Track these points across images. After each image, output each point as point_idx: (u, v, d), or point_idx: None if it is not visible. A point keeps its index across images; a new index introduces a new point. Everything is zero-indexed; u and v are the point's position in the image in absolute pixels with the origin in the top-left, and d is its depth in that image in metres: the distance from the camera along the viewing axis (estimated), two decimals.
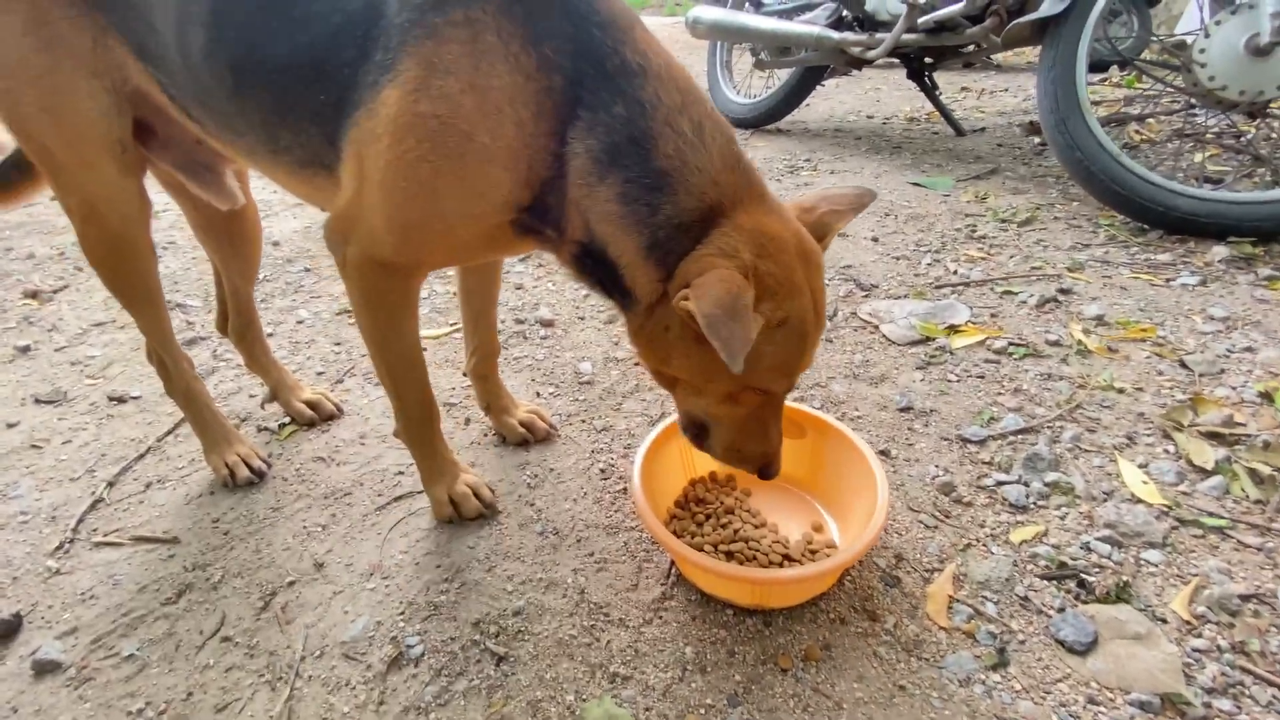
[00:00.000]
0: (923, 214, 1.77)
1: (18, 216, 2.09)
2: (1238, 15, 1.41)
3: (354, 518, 0.87)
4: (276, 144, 0.68)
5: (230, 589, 0.77)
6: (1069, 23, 1.62)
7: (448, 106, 0.56)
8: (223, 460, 0.93)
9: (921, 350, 1.16)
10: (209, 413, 0.94)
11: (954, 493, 0.86)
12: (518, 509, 0.87)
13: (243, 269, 1.01)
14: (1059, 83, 1.63)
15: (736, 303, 0.52)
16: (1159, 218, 1.52)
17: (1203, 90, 1.52)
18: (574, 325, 1.34)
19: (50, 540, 0.85)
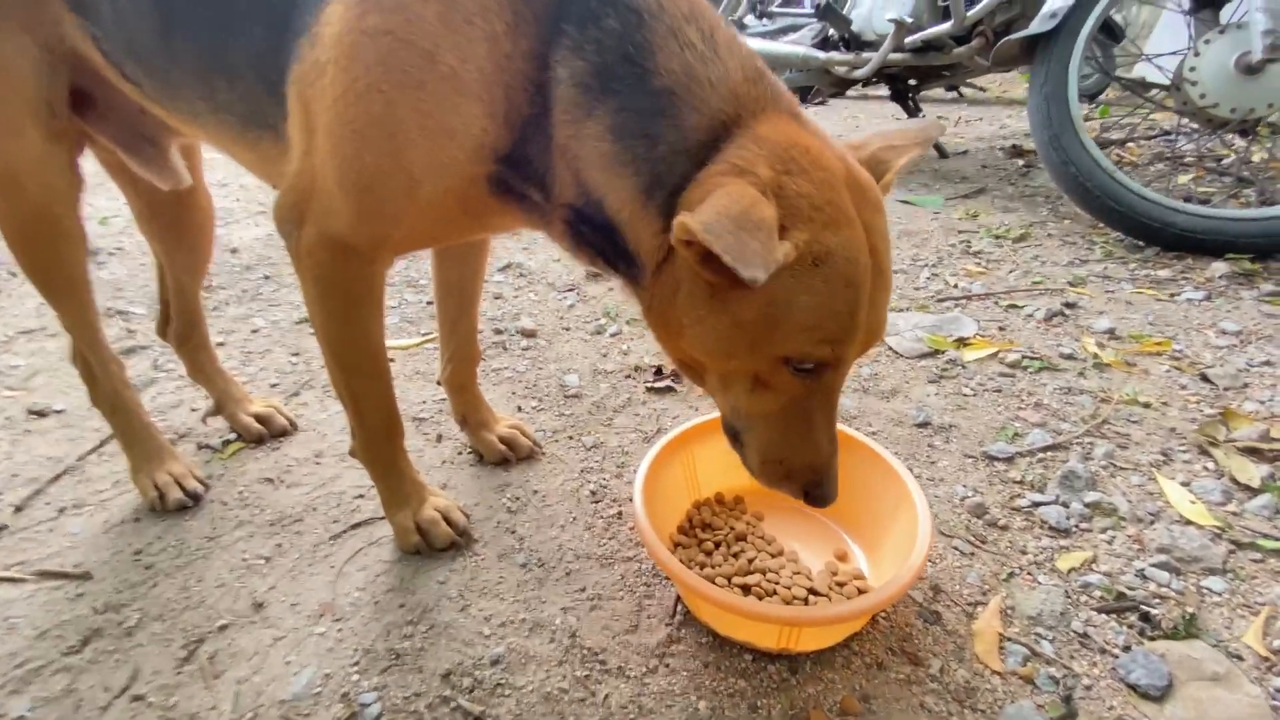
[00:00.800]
0: (915, 230, 1.72)
1: None
2: (1227, 35, 1.42)
3: (303, 548, 0.74)
4: (214, 98, 0.58)
5: (148, 635, 0.64)
6: (1059, 41, 1.62)
7: (403, 19, 0.45)
8: (152, 480, 0.80)
9: (932, 363, 1.09)
10: (139, 424, 0.82)
11: (987, 515, 0.77)
12: (497, 537, 0.76)
13: (190, 264, 0.90)
14: (1051, 99, 1.62)
15: (748, 213, 0.40)
16: (1156, 234, 1.50)
17: (1194, 108, 1.51)
18: (558, 336, 1.25)
19: None
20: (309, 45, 0.48)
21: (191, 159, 0.84)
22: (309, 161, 0.52)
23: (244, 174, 2.54)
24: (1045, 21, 1.62)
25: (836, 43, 2.26)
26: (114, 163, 0.80)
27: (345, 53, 0.46)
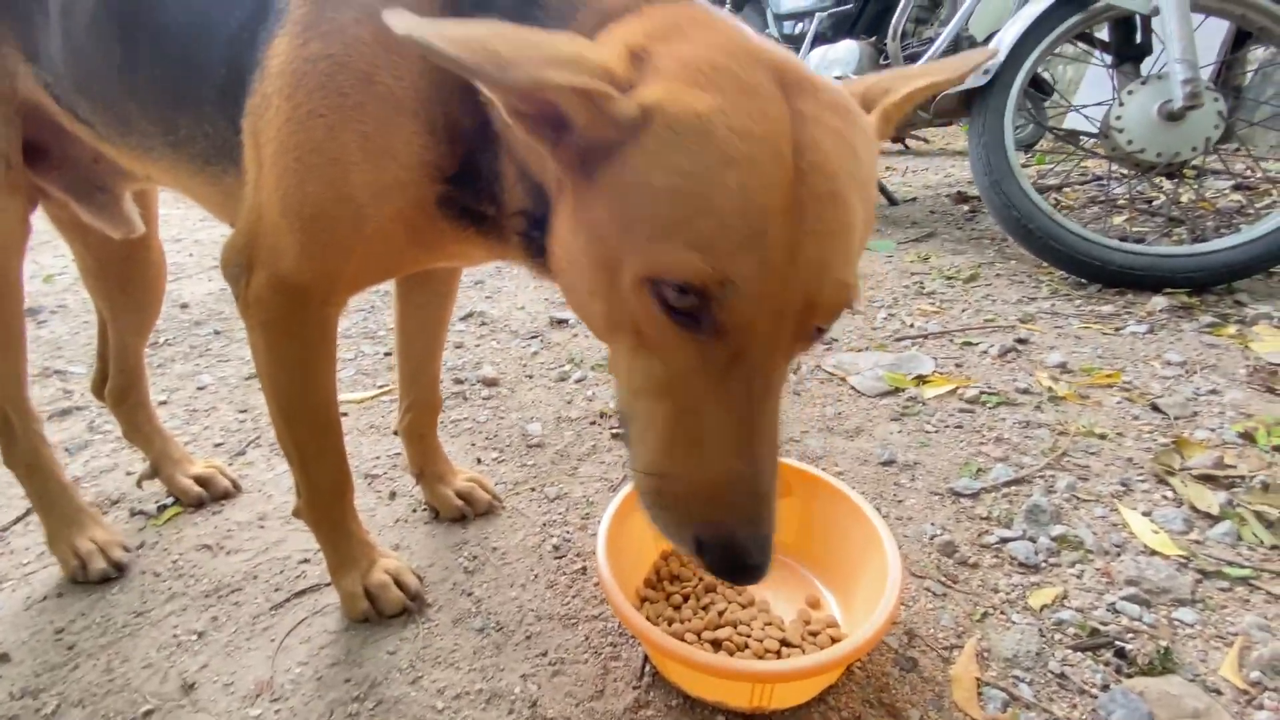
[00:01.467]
0: (870, 273, 1.77)
1: None
2: (1148, 85, 1.52)
3: (241, 621, 0.69)
4: (176, 133, 0.57)
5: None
6: (994, 93, 1.72)
7: (341, 42, 0.44)
8: (71, 548, 0.74)
9: (893, 401, 1.10)
10: (57, 487, 0.76)
11: (957, 553, 0.76)
12: (451, 600, 0.72)
13: (136, 321, 0.87)
14: (990, 149, 1.70)
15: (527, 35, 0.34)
16: (1096, 271, 1.56)
17: (1122, 154, 1.61)
18: (520, 384, 1.22)
19: None
20: (259, 78, 0.48)
21: (147, 210, 0.81)
22: (256, 196, 0.51)
23: (198, 229, 2.50)
24: (979, 77, 1.71)
25: None
26: (63, 218, 0.78)
27: (288, 81, 0.45)
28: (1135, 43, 1.67)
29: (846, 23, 2.23)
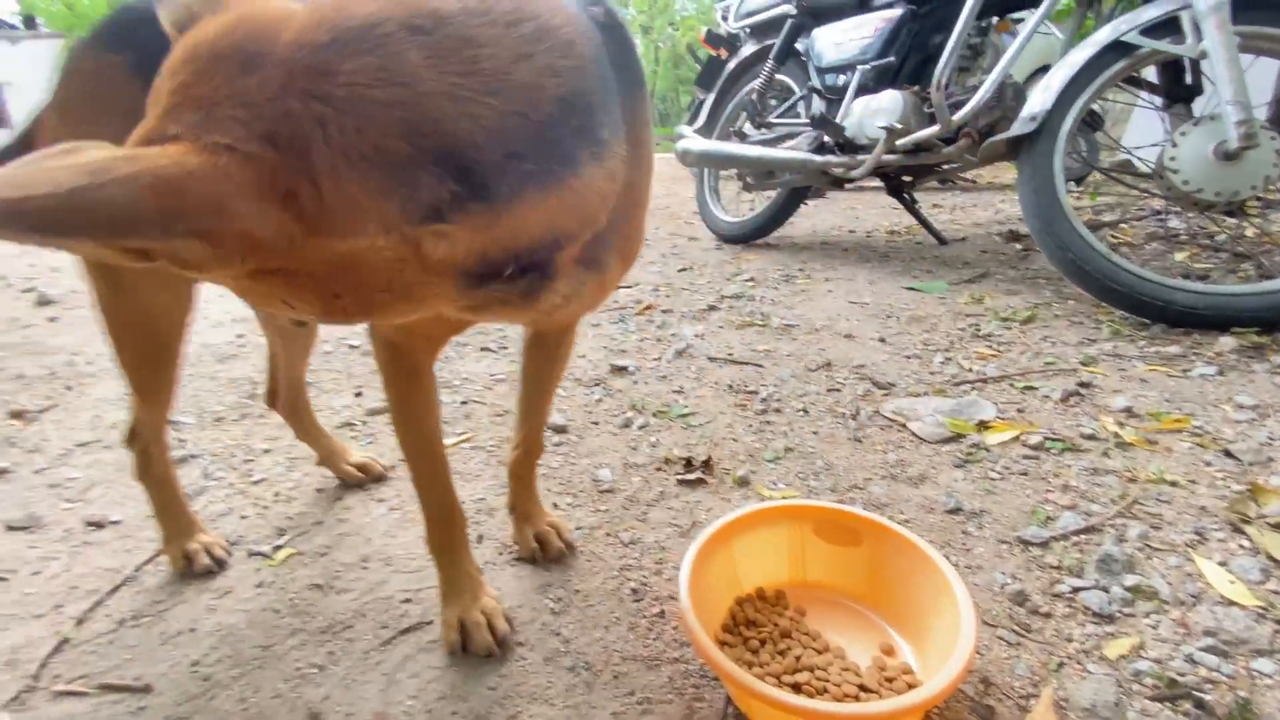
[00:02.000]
0: (923, 315, 1.79)
1: (12, 338, 2.05)
2: (1201, 126, 1.53)
3: (355, 655, 0.76)
4: None
5: None
6: (1041, 139, 1.75)
7: None
8: (182, 550, 0.90)
9: (955, 448, 1.11)
10: (177, 501, 0.93)
11: (1028, 602, 0.78)
12: (542, 640, 0.77)
13: (300, 349, 1.08)
14: (1040, 191, 1.73)
15: None
16: (1159, 312, 1.55)
17: (1179, 194, 1.61)
18: (587, 430, 1.29)
19: (7, 688, 0.73)
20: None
21: None
22: None
23: None
24: (1025, 124, 1.75)
25: (832, 147, 2.44)
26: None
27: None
28: (1185, 84, 1.68)
29: (889, 74, 2.30)
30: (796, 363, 1.52)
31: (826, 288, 2.14)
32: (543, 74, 0.40)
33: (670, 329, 1.88)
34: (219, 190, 0.34)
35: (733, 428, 1.24)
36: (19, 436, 1.37)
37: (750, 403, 1.34)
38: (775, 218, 2.84)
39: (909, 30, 2.28)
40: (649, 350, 1.72)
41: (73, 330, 2.09)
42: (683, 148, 2.97)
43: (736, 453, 1.15)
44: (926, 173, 2.42)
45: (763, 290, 2.19)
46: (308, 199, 0.36)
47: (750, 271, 2.46)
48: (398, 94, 0.36)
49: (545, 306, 0.50)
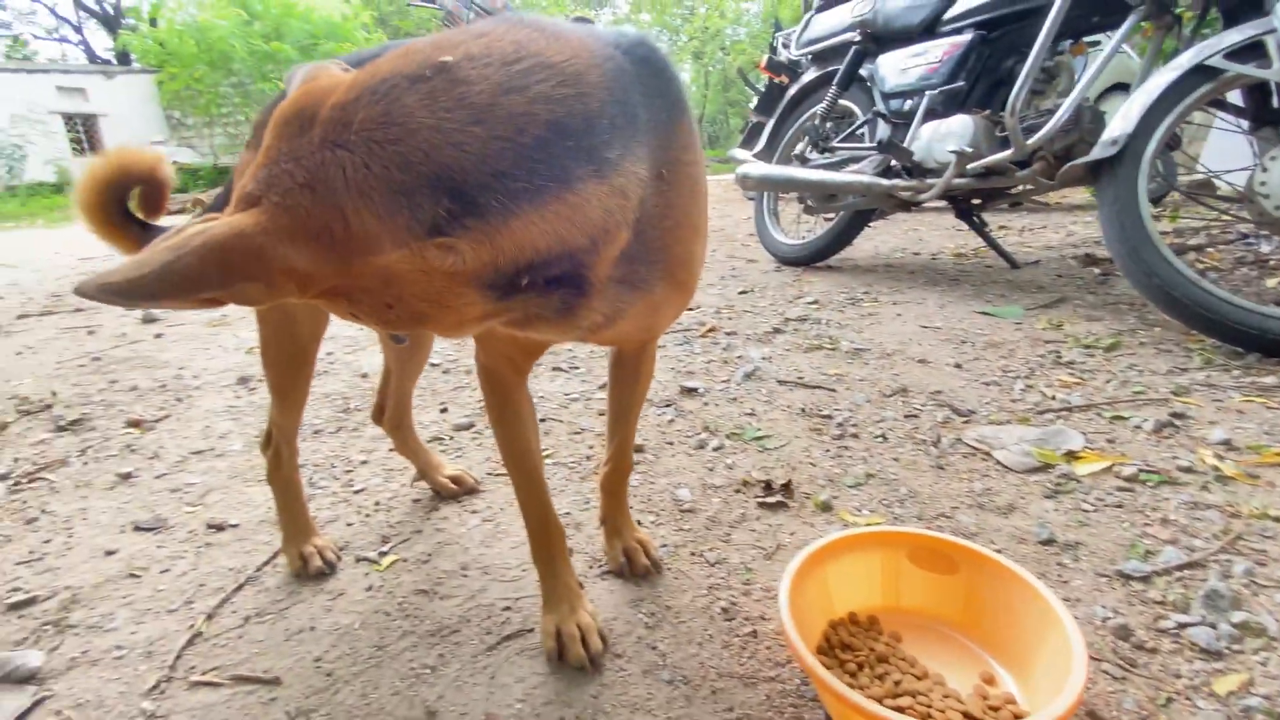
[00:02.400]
0: (999, 341, 1.76)
1: (123, 352, 2.24)
2: None
3: (464, 659, 0.80)
4: None
5: None
6: (1124, 163, 1.71)
7: None
8: (299, 551, 0.98)
9: (1044, 478, 1.10)
10: (299, 505, 1.01)
11: (1132, 637, 0.76)
12: (639, 653, 0.80)
13: (412, 370, 1.17)
14: (1123, 216, 1.69)
15: None
16: (1254, 340, 1.48)
17: (1270, 219, 1.55)
18: (663, 450, 1.32)
19: (146, 679, 0.80)
20: None
21: None
22: None
23: None
24: (1106, 148, 1.72)
25: (899, 171, 2.43)
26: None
27: None
28: (1273, 107, 1.63)
29: (958, 98, 2.29)
30: (870, 388, 1.52)
31: (895, 311, 2.13)
32: (534, 102, 0.46)
33: (736, 351, 1.90)
34: (258, 243, 0.43)
35: (809, 452, 1.25)
36: (138, 444, 1.50)
37: (825, 427, 1.35)
38: (837, 240, 2.84)
39: (979, 55, 2.27)
40: (716, 372, 1.74)
41: (178, 346, 2.26)
42: (742, 172, 3.01)
43: (815, 477, 1.16)
44: (997, 196, 2.38)
45: (828, 313, 2.19)
46: (338, 230, 0.44)
47: (813, 294, 2.46)
48: (396, 133, 0.44)
49: (586, 323, 0.56)
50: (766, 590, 0.89)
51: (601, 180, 0.49)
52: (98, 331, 2.55)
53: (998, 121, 2.17)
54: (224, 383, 1.86)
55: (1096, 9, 2.02)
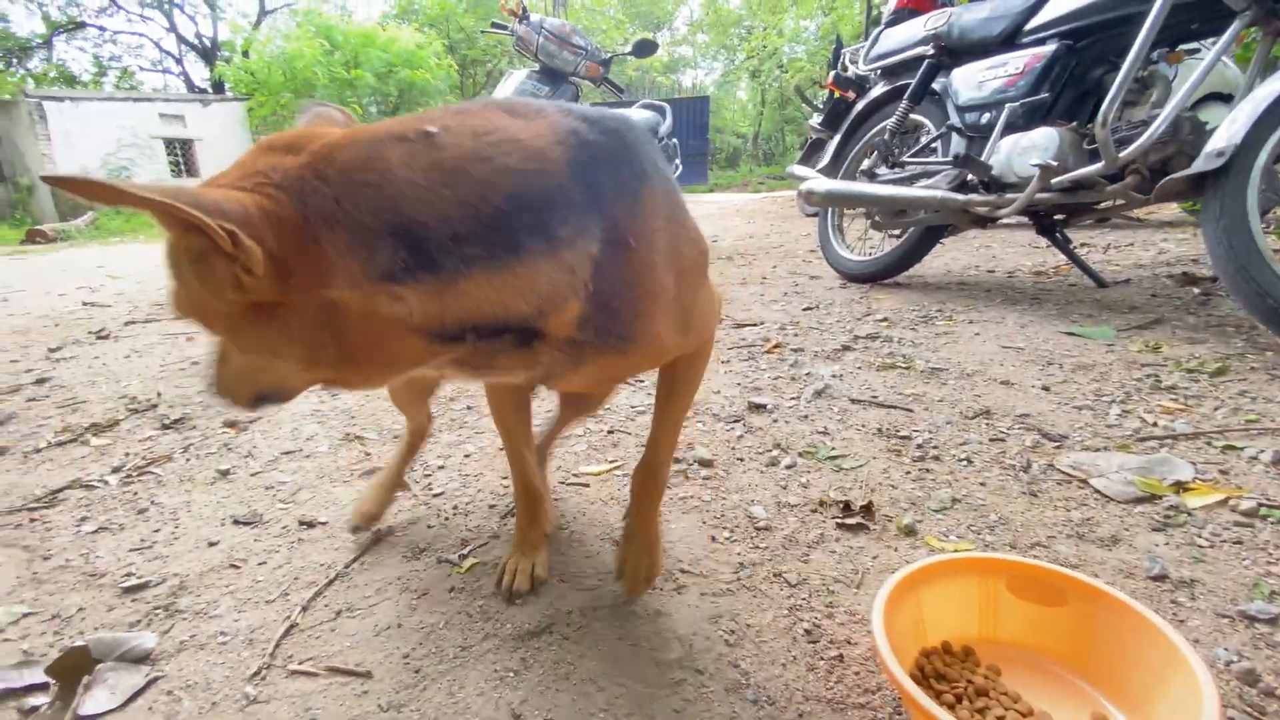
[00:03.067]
0: (1090, 364, 1.67)
1: None
2: None
3: (545, 664, 0.81)
4: None
5: None
6: (1230, 176, 1.60)
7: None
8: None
9: (1150, 509, 1.03)
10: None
11: (1261, 683, 0.70)
12: (720, 670, 0.79)
13: (571, 417, 1.24)
14: (1231, 232, 1.58)
15: None
16: None
17: None
18: (733, 467, 1.31)
19: (248, 664, 0.85)
20: None
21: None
22: None
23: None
24: (1210, 160, 1.62)
25: (975, 185, 2.35)
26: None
27: None
28: None
29: (1040, 110, 2.21)
30: (950, 409, 1.47)
31: (972, 330, 2.05)
32: (498, 174, 0.50)
33: (804, 368, 1.87)
34: (249, 212, 0.46)
35: (888, 474, 1.21)
36: (235, 443, 1.59)
37: (904, 448, 1.30)
38: (907, 257, 2.77)
39: (1064, 65, 2.18)
40: (784, 389, 1.72)
41: None
42: (807, 188, 2.98)
43: (896, 500, 1.13)
44: (1084, 211, 2.27)
45: (899, 331, 2.13)
46: (301, 240, 0.47)
47: (883, 311, 2.40)
48: (371, 178, 0.48)
49: (547, 359, 0.60)
50: (850, 614, 0.87)
51: (552, 256, 0.52)
52: (196, 338, 2.74)
53: (1085, 134, 2.07)
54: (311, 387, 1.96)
55: (1196, 16, 1.91)
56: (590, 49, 3.85)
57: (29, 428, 1.77)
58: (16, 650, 0.90)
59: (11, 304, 4.00)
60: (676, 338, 0.69)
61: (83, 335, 2.92)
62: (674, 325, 0.68)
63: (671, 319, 0.67)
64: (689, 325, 0.71)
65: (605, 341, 0.61)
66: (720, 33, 24.09)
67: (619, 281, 0.58)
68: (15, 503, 1.33)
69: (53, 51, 27.04)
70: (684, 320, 0.69)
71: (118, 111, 16.32)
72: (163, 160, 16.85)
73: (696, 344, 0.78)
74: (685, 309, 0.69)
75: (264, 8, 26.07)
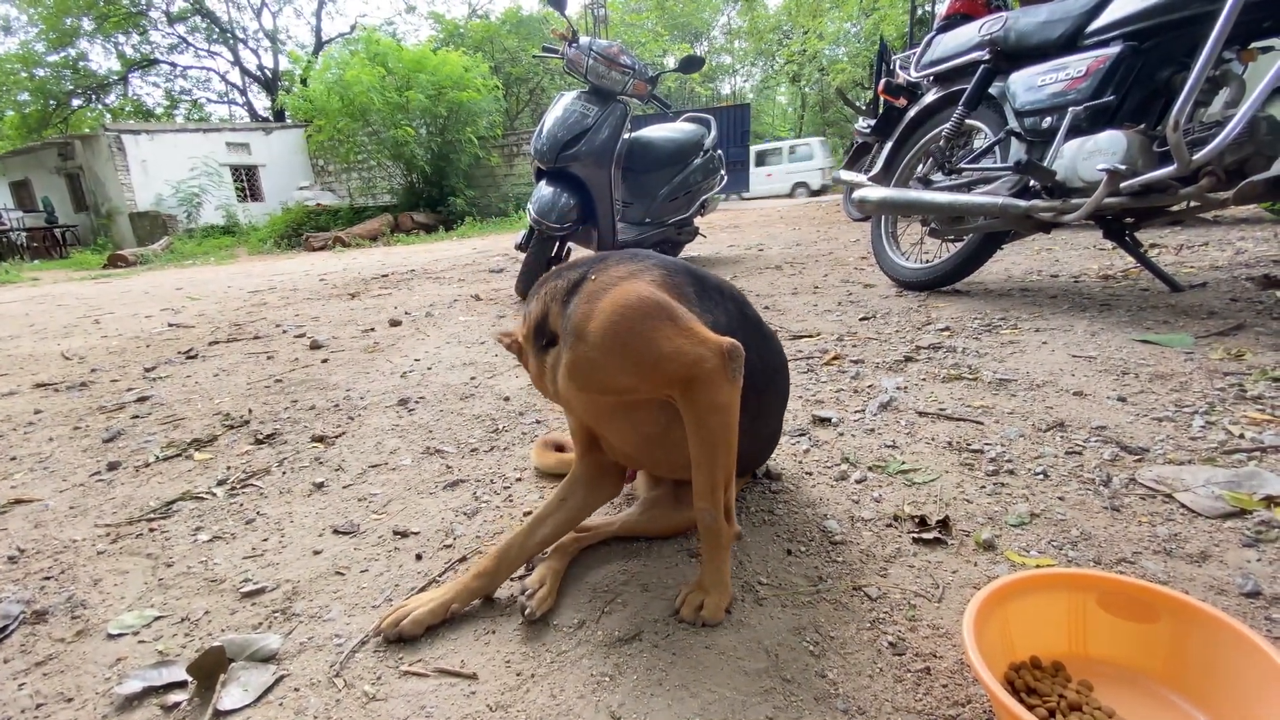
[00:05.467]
0: (1168, 373, 1.62)
1: (298, 375, 2.54)
2: None
3: (639, 670, 0.86)
4: None
5: None
6: None
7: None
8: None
9: (1241, 524, 1.01)
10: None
11: None
12: (807, 679, 0.82)
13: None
14: None
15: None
16: None
17: None
18: (802, 480, 1.33)
19: (364, 664, 0.92)
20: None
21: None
22: None
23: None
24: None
25: (1037, 191, 2.31)
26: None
27: None
28: None
29: (1105, 113, 2.16)
30: (1022, 421, 1.46)
31: (1039, 339, 2.01)
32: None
33: (866, 380, 1.87)
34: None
35: (962, 488, 1.22)
36: (324, 457, 1.70)
37: (977, 462, 1.31)
38: (966, 264, 2.73)
39: (1129, 67, 2.13)
40: (848, 401, 1.73)
41: (344, 370, 2.54)
42: (860, 196, 2.97)
43: (973, 514, 1.13)
44: (1154, 214, 2.21)
45: (963, 340, 2.11)
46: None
47: (943, 320, 2.37)
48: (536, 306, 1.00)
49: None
50: (934, 628, 0.88)
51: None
52: (275, 356, 2.91)
53: (1154, 136, 2.02)
54: (386, 404, 2.07)
55: (1269, 13, 1.85)
56: (638, 68, 3.93)
57: (136, 443, 1.92)
58: (152, 651, 0.99)
59: (104, 326, 4.32)
60: (591, 388, 0.97)
61: (173, 355, 3.14)
62: (588, 379, 0.95)
63: (591, 368, 0.94)
64: (593, 384, 0.96)
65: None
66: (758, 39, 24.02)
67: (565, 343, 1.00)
68: (134, 513, 1.46)
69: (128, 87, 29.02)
70: (591, 377, 0.95)
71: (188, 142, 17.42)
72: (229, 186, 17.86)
73: (599, 391, 0.96)
74: (603, 367, 0.93)
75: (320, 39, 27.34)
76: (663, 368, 0.88)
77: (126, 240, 15.66)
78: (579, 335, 0.92)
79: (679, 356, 0.87)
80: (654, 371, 0.88)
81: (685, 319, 0.90)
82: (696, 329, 0.89)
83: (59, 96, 26.37)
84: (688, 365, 0.87)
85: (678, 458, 0.99)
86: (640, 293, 0.90)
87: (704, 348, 0.88)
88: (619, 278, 0.95)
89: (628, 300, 0.89)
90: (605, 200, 3.82)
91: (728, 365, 0.88)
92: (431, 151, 13.04)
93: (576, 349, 0.92)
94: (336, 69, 12.61)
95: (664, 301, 0.90)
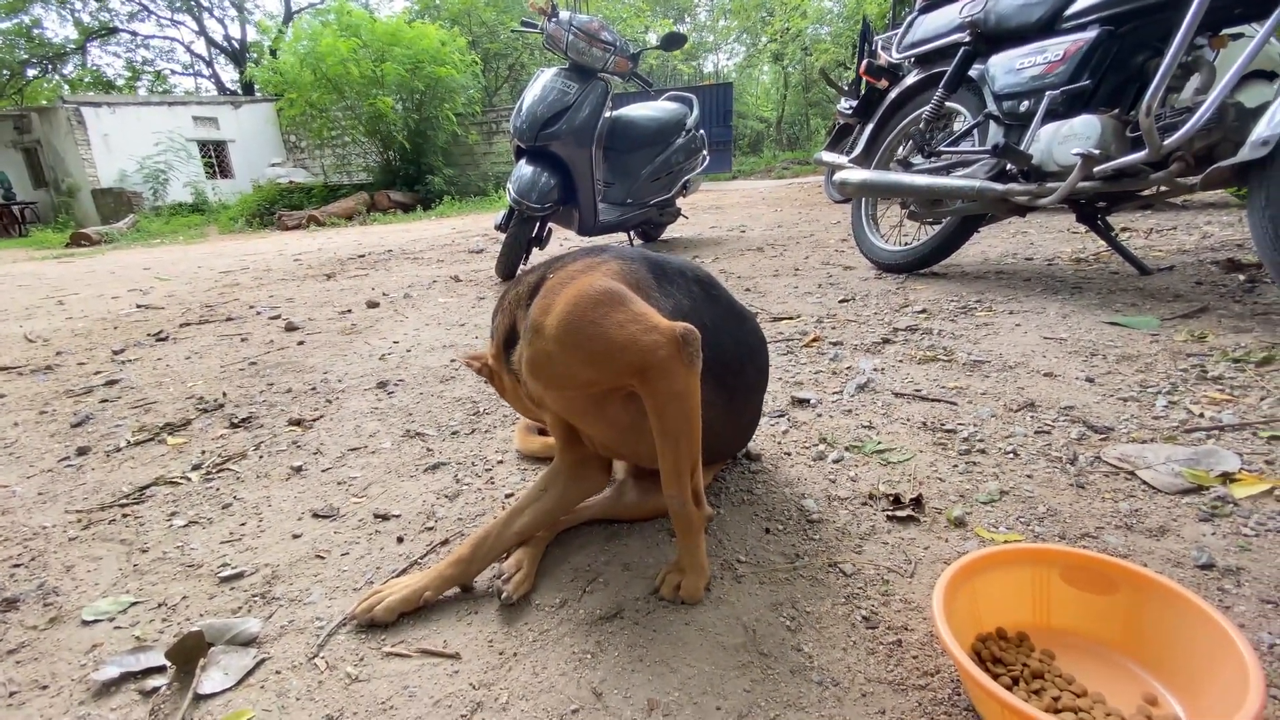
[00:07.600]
0: (1134, 354, 1.67)
1: (274, 357, 2.50)
2: None
3: (620, 647, 0.87)
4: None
5: (519, 711, 0.79)
6: (1276, 164, 1.59)
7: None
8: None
9: (1197, 500, 1.05)
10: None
11: None
12: (784, 653, 0.84)
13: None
14: (1277, 220, 1.57)
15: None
16: None
17: None
18: (781, 461, 1.36)
19: (346, 646, 0.92)
20: None
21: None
22: None
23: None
24: (1256, 149, 1.61)
25: (1014, 174, 2.34)
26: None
27: None
28: None
29: (1082, 97, 2.19)
30: (994, 401, 1.49)
31: (1013, 321, 2.06)
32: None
33: (844, 361, 1.90)
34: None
35: (935, 467, 1.25)
36: (302, 440, 1.68)
37: (950, 442, 1.34)
38: (943, 247, 2.76)
39: (1105, 51, 2.16)
40: (826, 383, 1.76)
41: (320, 352, 2.51)
42: (841, 178, 2.99)
43: (945, 492, 1.16)
44: (1126, 199, 2.25)
45: (939, 323, 2.15)
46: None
47: (921, 302, 2.41)
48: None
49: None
50: (906, 602, 0.91)
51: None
52: (249, 339, 2.86)
53: (1127, 121, 2.06)
54: (365, 386, 2.05)
55: (1241, 0, 1.88)
56: (619, 44, 3.87)
57: (106, 427, 1.89)
58: (129, 637, 0.99)
59: (69, 307, 4.20)
60: (550, 387, 1.00)
61: (142, 338, 3.07)
62: (547, 376, 0.97)
63: (548, 370, 0.96)
64: (554, 382, 0.98)
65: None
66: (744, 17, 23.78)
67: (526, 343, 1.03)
68: (106, 499, 1.44)
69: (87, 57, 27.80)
70: (550, 375, 0.97)
71: (153, 115, 16.79)
72: (197, 162, 17.29)
73: (561, 389, 0.98)
74: (560, 370, 0.95)
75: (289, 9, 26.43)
76: (617, 358, 0.87)
77: (89, 218, 15.11)
78: (536, 330, 0.93)
79: (632, 345, 0.86)
80: (609, 362, 0.87)
81: (637, 307, 0.89)
82: (649, 316, 0.88)
83: (12, 66, 25.21)
84: (642, 353, 0.86)
85: (654, 447, 1.00)
86: (595, 284, 0.91)
87: (656, 334, 0.87)
88: (576, 273, 0.96)
89: (581, 292, 0.90)
90: (586, 180, 3.79)
91: (682, 350, 0.86)
92: (409, 128, 12.74)
93: (534, 344, 0.93)
94: (308, 40, 12.19)
95: (617, 291, 0.90)
